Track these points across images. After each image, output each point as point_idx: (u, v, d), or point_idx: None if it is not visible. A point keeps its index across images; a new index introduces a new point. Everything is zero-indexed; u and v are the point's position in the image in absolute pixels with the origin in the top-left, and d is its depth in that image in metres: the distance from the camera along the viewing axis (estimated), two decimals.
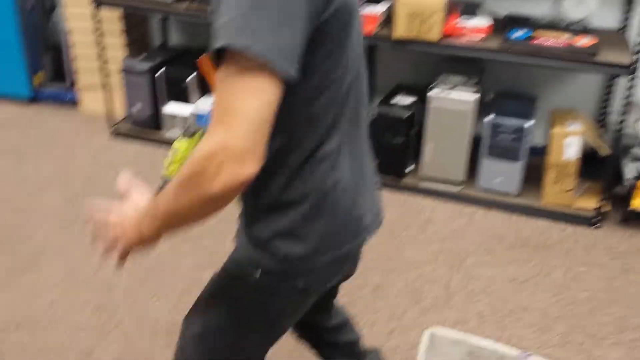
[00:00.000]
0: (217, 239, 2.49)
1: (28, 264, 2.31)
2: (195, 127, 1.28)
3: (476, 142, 2.91)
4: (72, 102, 3.71)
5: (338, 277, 1.22)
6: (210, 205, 0.92)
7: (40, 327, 2.00)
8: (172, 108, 3.25)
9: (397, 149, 2.94)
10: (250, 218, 1.12)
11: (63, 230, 2.54)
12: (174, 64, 3.30)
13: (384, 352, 1.98)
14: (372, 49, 3.35)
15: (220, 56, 0.90)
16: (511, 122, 2.77)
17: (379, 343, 2.02)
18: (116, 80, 3.40)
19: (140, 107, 3.34)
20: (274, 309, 1.17)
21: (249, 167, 0.88)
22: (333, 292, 1.46)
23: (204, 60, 2.66)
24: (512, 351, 1.51)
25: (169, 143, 3.25)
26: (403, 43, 2.72)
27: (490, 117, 2.80)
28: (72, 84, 3.72)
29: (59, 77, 3.79)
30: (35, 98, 3.75)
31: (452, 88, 2.79)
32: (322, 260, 1.11)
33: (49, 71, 3.79)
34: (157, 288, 2.22)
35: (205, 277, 1.25)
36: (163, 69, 3.26)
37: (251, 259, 1.11)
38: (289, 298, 1.15)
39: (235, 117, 0.87)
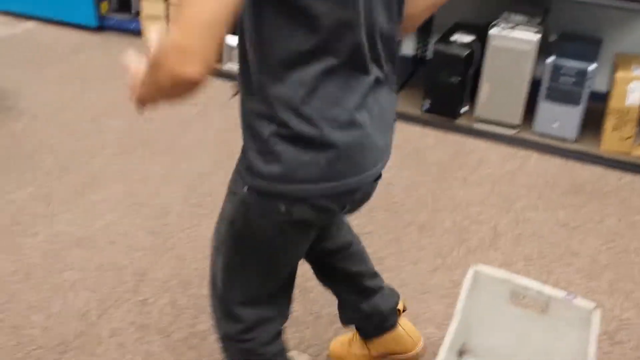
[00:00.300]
0: None
1: (89, 186, 2.43)
2: None
3: (535, 85, 2.84)
4: (137, 31, 3.79)
5: (332, 212, 1.15)
6: (164, 93, 0.96)
7: (98, 245, 2.13)
8: (232, 40, 3.27)
9: (453, 88, 2.89)
10: (243, 133, 1.13)
11: (123, 155, 2.65)
12: None
13: (426, 288, 2.02)
14: None
15: None
16: (573, 64, 2.67)
17: (422, 280, 2.06)
18: (175, 12, 3.43)
19: None
20: (264, 233, 1.17)
21: (191, 68, 0.87)
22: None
23: None
24: (558, 293, 1.51)
25: (227, 75, 3.30)
26: None
27: (551, 59, 2.71)
28: (137, 14, 3.78)
29: (124, 6, 3.87)
30: (101, 26, 3.84)
31: (513, 27, 2.70)
32: (302, 187, 1.07)
33: (114, 0, 3.88)
34: (211, 213, 2.31)
35: None
36: None
37: (240, 174, 1.13)
38: (277, 223, 1.14)
39: (187, 16, 0.87)
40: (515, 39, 2.69)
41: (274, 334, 1.35)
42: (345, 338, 1.75)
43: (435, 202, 2.46)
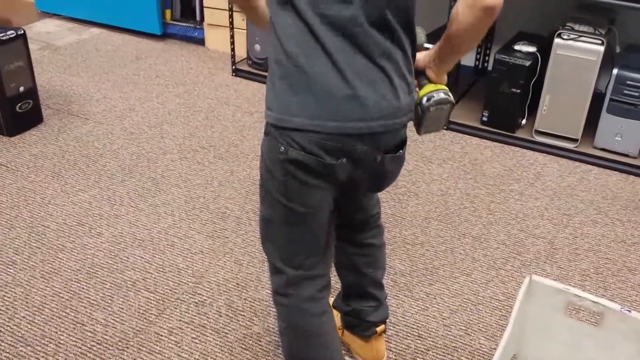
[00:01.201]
0: None
1: (150, 190, 2.51)
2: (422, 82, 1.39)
3: (597, 97, 2.77)
4: (199, 39, 3.89)
5: (322, 157, 1.25)
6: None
7: (159, 247, 2.19)
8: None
9: (513, 99, 2.85)
10: None
11: (183, 160, 2.72)
12: None
13: (480, 299, 2.00)
14: None
15: None
16: (638, 77, 2.60)
17: (476, 291, 2.05)
18: (240, 20, 3.51)
19: (259, 49, 3.45)
20: (276, 175, 1.29)
21: None
22: (357, 205, 1.57)
23: None
24: (614, 305, 1.48)
25: None
26: None
27: (615, 71, 2.64)
28: (200, 22, 3.89)
29: (188, 14, 3.98)
30: (164, 34, 3.96)
31: (577, 37, 2.65)
32: (296, 127, 1.21)
33: (178, 9, 4.00)
34: None
35: None
36: None
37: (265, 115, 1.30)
38: (280, 163, 1.27)
39: None
40: (579, 49, 2.63)
41: (314, 292, 1.43)
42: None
43: (490, 214, 2.43)
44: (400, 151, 1.39)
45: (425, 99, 1.37)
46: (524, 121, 2.97)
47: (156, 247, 2.20)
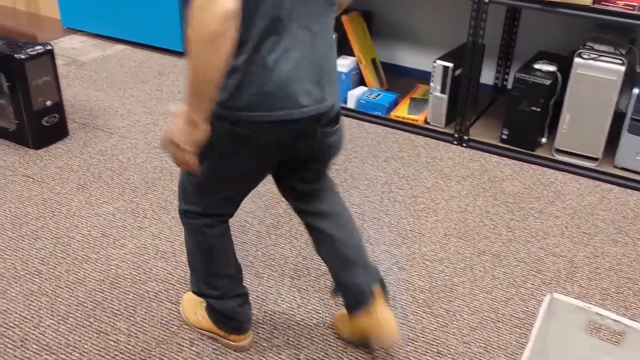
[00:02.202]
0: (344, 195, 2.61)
1: (173, 203, 2.55)
2: None
3: (618, 117, 2.77)
4: None
5: (269, 143, 1.46)
6: (208, 49, 1.23)
7: (180, 259, 2.22)
8: None
9: (533, 118, 2.86)
10: None
11: None
12: None
13: (500, 317, 2.00)
14: (515, 11, 3.26)
15: None
16: None
17: (495, 309, 2.05)
18: None
19: None
20: (222, 145, 1.46)
21: (222, 4, 1.19)
22: (304, 176, 1.71)
23: (347, 19, 2.89)
24: (636, 324, 1.48)
25: None
26: (553, 6, 2.61)
27: (637, 91, 2.64)
28: None
29: None
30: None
31: (598, 57, 2.66)
32: (239, 114, 1.40)
33: None
34: (287, 233, 2.37)
35: None
36: None
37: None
38: (229, 139, 1.44)
39: None
40: (600, 68, 2.64)
41: (219, 222, 1.66)
42: (344, 311, 1.85)
43: (510, 232, 2.43)
44: (336, 126, 1.57)
45: None
46: (544, 139, 2.97)
47: (178, 259, 2.23)
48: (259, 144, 1.46)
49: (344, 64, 3.33)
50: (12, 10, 4.68)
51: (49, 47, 2.85)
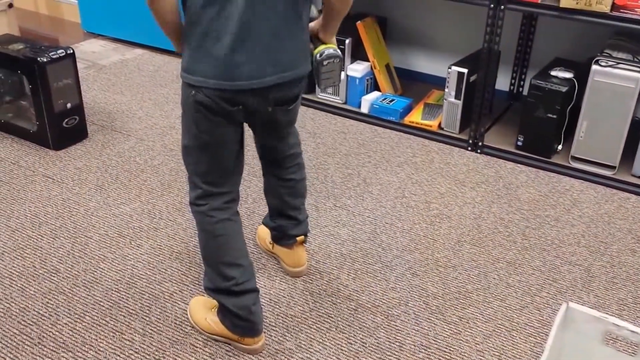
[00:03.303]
0: (356, 200, 2.62)
1: (184, 205, 2.57)
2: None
3: (636, 125, 2.76)
4: None
5: (221, 105, 1.62)
6: (151, 11, 1.57)
7: (195, 261, 2.24)
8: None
9: (550, 125, 2.85)
10: None
11: None
12: None
13: (514, 325, 2.00)
14: (531, 17, 3.25)
15: None
16: None
17: (510, 317, 2.04)
18: None
19: None
20: (190, 111, 1.68)
21: None
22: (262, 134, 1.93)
23: (362, 25, 2.94)
24: None
25: (323, 104, 3.41)
26: (570, 13, 2.61)
27: None
28: None
29: None
30: None
31: (616, 64, 2.64)
32: (192, 78, 1.61)
33: None
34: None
35: (343, 232, 1.34)
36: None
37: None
38: (192, 105, 1.66)
39: None
40: (617, 76, 2.63)
41: (221, 203, 1.80)
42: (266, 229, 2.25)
43: (525, 239, 2.43)
44: (290, 107, 1.76)
45: (318, 55, 1.77)
46: (560, 147, 2.96)
47: (192, 260, 2.25)
48: (209, 110, 1.64)
49: (358, 69, 3.34)
50: (35, 14, 4.76)
51: (70, 51, 2.90)
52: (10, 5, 3.19)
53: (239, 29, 1.55)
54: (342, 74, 3.34)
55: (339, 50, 1.81)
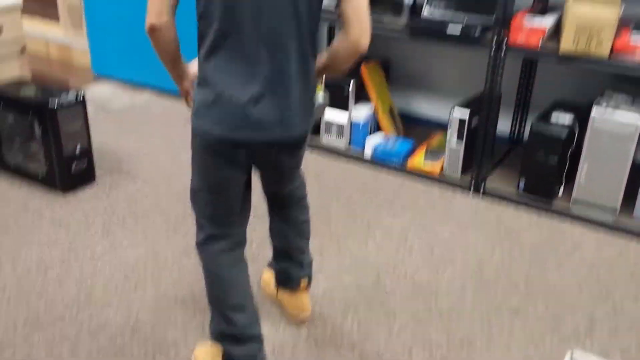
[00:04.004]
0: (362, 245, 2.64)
1: (193, 248, 2.60)
2: None
3: (636, 168, 2.78)
4: None
5: (224, 154, 1.69)
6: (151, 43, 1.64)
7: (199, 307, 2.26)
8: (330, 115, 3.44)
9: (551, 168, 2.89)
10: None
11: None
12: None
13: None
14: (532, 62, 3.31)
15: None
16: None
17: None
18: None
19: None
20: (198, 155, 1.76)
21: (149, 20, 1.60)
22: (269, 178, 1.97)
23: (365, 68, 3.04)
24: None
25: (326, 149, 3.46)
26: (569, 59, 2.66)
27: None
28: None
29: None
30: None
31: (615, 108, 2.68)
32: (199, 124, 1.68)
33: None
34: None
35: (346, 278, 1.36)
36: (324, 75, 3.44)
37: None
38: (199, 149, 1.74)
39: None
40: (617, 119, 2.67)
41: (226, 246, 1.84)
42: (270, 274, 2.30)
43: (528, 285, 2.43)
44: (296, 150, 1.80)
45: None
46: (561, 190, 2.99)
47: (197, 306, 2.27)
48: (214, 152, 1.70)
49: (362, 111, 3.40)
50: (46, 57, 4.87)
51: (81, 96, 2.97)
52: (23, 50, 3.27)
53: (249, 77, 1.60)
54: (345, 117, 3.39)
55: (325, 96, 1.93)
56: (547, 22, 2.79)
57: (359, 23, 1.61)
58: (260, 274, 2.39)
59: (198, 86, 1.67)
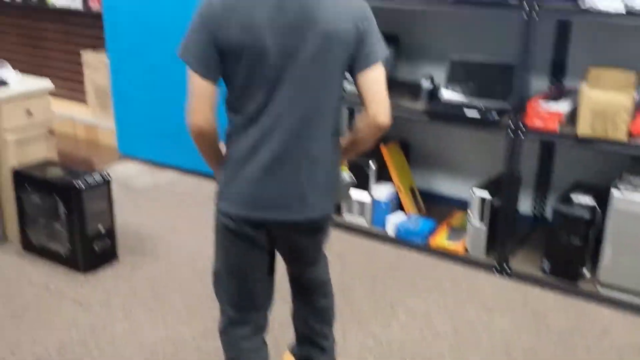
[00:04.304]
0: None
1: (215, 332, 2.57)
2: None
3: None
4: None
5: (245, 236, 1.72)
6: (195, 142, 1.69)
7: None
8: (352, 193, 3.46)
9: (575, 250, 2.85)
10: None
11: None
12: None
13: None
14: (551, 144, 3.33)
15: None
16: None
17: None
18: None
19: None
20: (219, 237, 1.79)
21: (194, 122, 1.64)
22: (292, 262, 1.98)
23: (386, 148, 3.10)
24: None
25: (348, 226, 3.46)
26: (587, 142, 2.68)
27: None
28: None
29: None
30: None
31: (635, 189, 2.67)
32: (221, 205, 1.73)
33: None
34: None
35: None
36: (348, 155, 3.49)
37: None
38: (221, 231, 1.76)
39: (189, 95, 1.63)
40: (637, 201, 2.65)
41: (248, 332, 1.83)
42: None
43: None
44: (317, 232, 1.81)
45: None
46: (587, 272, 2.93)
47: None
48: (235, 234, 1.72)
49: (383, 191, 3.42)
50: (73, 137, 5.01)
51: (107, 177, 3.03)
52: (51, 132, 3.37)
53: (270, 156, 1.64)
54: (368, 197, 3.42)
55: (352, 175, 1.95)
56: (563, 106, 2.83)
57: (379, 102, 1.69)
58: (281, 356, 2.35)
59: (224, 166, 1.72)
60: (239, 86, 1.64)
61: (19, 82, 3.26)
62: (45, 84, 3.33)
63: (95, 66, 4.78)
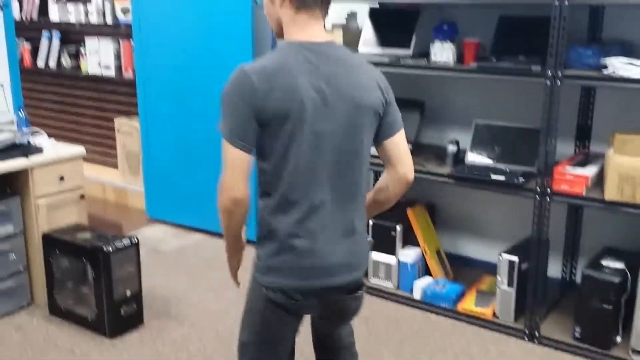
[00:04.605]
0: None
1: None
2: None
3: None
4: None
5: (294, 306, 1.71)
6: (225, 217, 1.69)
7: None
8: (378, 256, 3.45)
9: (606, 316, 2.78)
10: None
11: None
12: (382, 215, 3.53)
13: None
14: (579, 208, 3.31)
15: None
16: None
17: None
18: None
19: None
20: (258, 310, 1.75)
21: (230, 194, 1.62)
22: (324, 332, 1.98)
23: (412, 211, 3.13)
24: None
25: (375, 289, 3.43)
26: (615, 205, 2.66)
27: None
28: None
29: None
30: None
31: None
32: (269, 279, 1.70)
33: None
34: None
35: None
36: (372, 219, 3.50)
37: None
38: (263, 304, 1.72)
39: (224, 168, 1.63)
40: None
41: None
42: None
43: None
44: (359, 291, 1.81)
45: None
46: (619, 338, 2.85)
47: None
48: (283, 308, 1.71)
49: (410, 254, 3.40)
50: (102, 201, 5.11)
51: (135, 241, 3.07)
52: (82, 197, 3.45)
53: (318, 224, 1.67)
54: (394, 260, 3.40)
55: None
56: (589, 171, 2.83)
57: (404, 159, 1.80)
58: None
59: (265, 240, 1.71)
60: (279, 156, 1.64)
61: (53, 149, 3.36)
62: (78, 150, 3.43)
63: (127, 131, 4.92)
